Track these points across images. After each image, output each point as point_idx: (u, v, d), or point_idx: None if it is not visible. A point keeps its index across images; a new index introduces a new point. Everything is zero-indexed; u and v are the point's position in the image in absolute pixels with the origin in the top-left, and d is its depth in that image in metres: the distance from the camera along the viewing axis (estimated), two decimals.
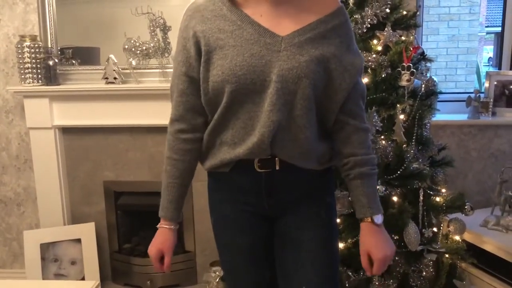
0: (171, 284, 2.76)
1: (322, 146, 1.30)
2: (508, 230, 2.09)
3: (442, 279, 1.97)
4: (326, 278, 1.33)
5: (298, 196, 1.31)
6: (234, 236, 1.35)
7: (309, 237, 1.31)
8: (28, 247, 2.62)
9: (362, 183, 1.28)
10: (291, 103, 1.22)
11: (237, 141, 1.25)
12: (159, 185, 2.80)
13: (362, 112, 1.32)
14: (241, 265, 1.37)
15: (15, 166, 2.84)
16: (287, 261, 1.33)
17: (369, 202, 1.28)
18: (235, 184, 1.31)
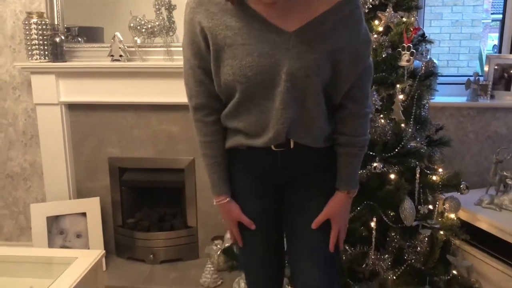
0: (173, 258, 2.84)
1: (331, 127, 1.35)
2: (502, 208, 2.14)
3: (436, 254, 2.03)
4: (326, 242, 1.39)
5: (309, 168, 1.37)
6: (245, 203, 1.40)
7: (316, 202, 1.38)
8: (35, 220, 2.69)
9: (347, 160, 1.37)
10: (302, 99, 1.24)
11: (251, 134, 1.30)
12: (163, 162, 2.88)
13: (364, 97, 1.34)
14: (252, 230, 1.41)
15: (21, 141, 2.90)
16: (294, 225, 1.41)
17: (349, 178, 1.38)
18: (251, 160, 1.37)
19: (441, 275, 2.04)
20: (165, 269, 2.76)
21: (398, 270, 1.99)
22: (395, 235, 2.05)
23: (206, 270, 2.58)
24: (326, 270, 1.41)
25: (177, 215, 2.97)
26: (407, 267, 2.01)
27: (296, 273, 1.45)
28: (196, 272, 2.68)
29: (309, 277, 1.41)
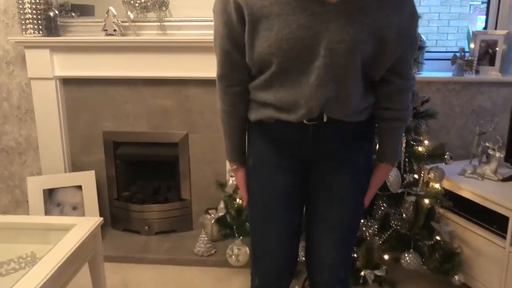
0: (167, 230, 2.91)
1: (367, 102, 1.30)
2: (484, 178, 2.23)
3: (420, 221, 2.13)
4: (350, 224, 1.42)
5: (340, 144, 1.33)
6: (270, 176, 1.37)
7: (343, 182, 1.36)
8: (32, 192, 2.74)
9: (392, 134, 1.37)
10: (339, 76, 1.18)
11: (283, 108, 1.25)
12: (157, 136, 2.94)
13: (410, 70, 1.30)
14: (273, 206, 1.38)
15: (16, 116, 2.93)
16: (318, 202, 1.39)
17: (393, 151, 1.39)
18: (280, 133, 1.32)
19: (425, 240, 2.14)
20: (160, 240, 2.84)
21: (384, 235, 2.09)
22: (382, 202, 2.14)
23: (200, 240, 2.66)
24: (342, 250, 1.42)
25: (172, 188, 3.04)
26: (393, 232, 2.10)
27: (313, 250, 1.44)
28: (190, 242, 2.76)
29: (326, 256, 1.41)
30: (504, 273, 2.01)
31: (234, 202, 2.37)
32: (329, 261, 1.42)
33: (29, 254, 1.76)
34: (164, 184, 3.08)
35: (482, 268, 2.13)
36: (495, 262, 2.05)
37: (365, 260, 2.00)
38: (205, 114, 2.74)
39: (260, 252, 1.44)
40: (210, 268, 2.59)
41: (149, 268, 2.60)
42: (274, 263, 1.43)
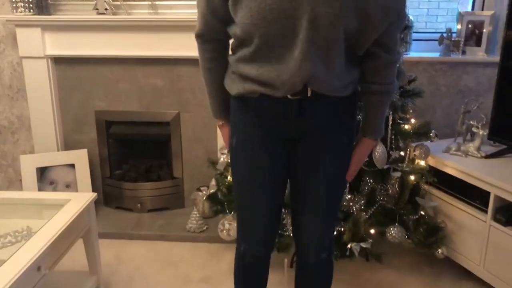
0: (160, 207, 2.97)
1: (351, 76, 1.31)
2: (467, 155, 2.30)
3: (406, 196, 2.20)
4: (334, 198, 1.46)
5: (324, 121, 1.33)
6: (254, 156, 1.38)
7: (327, 159, 1.38)
8: (25, 170, 2.77)
9: (377, 108, 1.38)
10: (323, 50, 1.19)
11: (266, 82, 1.25)
12: (149, 116, 2.97)
13: (395, 44, 1.30)
14: (257, 183, 1.41)
15: (8, 95, 2.94)
16: (303, 179, 1.42)
17: (377, 125, 1.41)
18: (264, 109, 1.32)
19: (410, 215, 2.21)
20: (153, 217, 2.89)
21: (370, 210, 2.15)
22: (369, 178, 2.21)
23: (192, 216, 2.72)
24: (326, 222, 1.47)
25: (164, 166, 3.09)
26: (379, 207, 2.17)
27: (299, 224, 1.49)
28: (182, 219, 2.82)
29: (311, 228, 1.47)
30: (484, 246, 2.10)
31: (225, 179, 2.42)
32: (314, 233, 1.48)
33: (24, 228, 1.80)
34: (156, 162, 3.12)
35: (464, 241, 2.21)
36: (476, 235, 2.14)
37: (351, 234, 2.06)
38: (196, 94, 2.77)
39: (245, 222, 1.50)
40: (201, 243, 2.66)
41: (142, 244, 2.66)
42: (258, 232, 1.50)
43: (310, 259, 1.53)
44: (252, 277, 1.62)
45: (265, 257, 1.58)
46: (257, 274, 1.62)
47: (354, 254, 2.06)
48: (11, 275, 1.43)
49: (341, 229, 2.12)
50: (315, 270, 1.56)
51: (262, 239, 1.51)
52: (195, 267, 2.42)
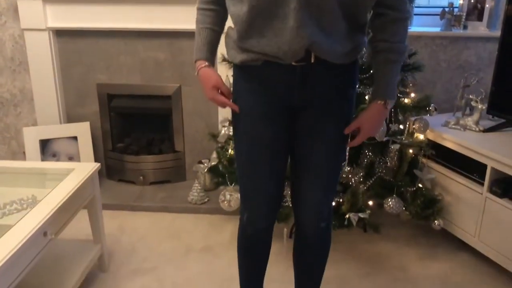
0: (162, 180, 3.01)
1: (353, 42, 1.30)
2: (466, 129, 2.33)
3: (404, 169, 2.24)
4: (334, 167, 1.47)
5: (326, 89, 1.34)
6: (257, 125, 1.39)
7: (328, 128, 1.39)
8: (28, 142, 2.80)
9: (386, 68, 1.33)
10: (317, 17, 1.19)
11: (267, 52, 1.26)
12: (150, 89, 2.99)
13: (403, 3, 1.29)
14: (259, 154, 1.42)
15: (10, 67, 2.95)
16: (304, 148, 1.43)
17: (387, 87, 1.34)
18: (267, 76, 1.32)
19: (407, 187, 2.25)
20: (155, 189, 2.94)
21: (369, 182, 2.19)
22: (368, 151, 2.24)
23: (193, 189, 2.76)
24: (326, 192, 1.49)
25: (165, 140, 3.12)
26: (377, 179, 2.21)
27: (299, 192, 1.51)
28: (184, 192, 2.86)
29: (311, 198, 1.48)
30: (480, 217, 2.14)
31: (226, 152, 2.45)
32: (313, 202, 1.50)
33: (30, 197, 1.83)
34: (158, 136, 3.15)
35: (460, 213, 2.25)
36: (472, 207, 2.18)
37: (350, 205, 2.10)
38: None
39: (247, 193, 1.52)
40: (203, 215, 2.71)
41: (144, 215, 2.71)
42: (260, 202, 1.51)
43: (309, 229, 1.56)
44: (254, 248, 1.64)
45: (267, 229, 1.60)
46: (260, 246, 1.64)
47: (352, 224, 2.10)
48: (19, 239, 1.47)
49: (340, 200, 2.16)
50: (313, 240, 1.59)
51: (265, 209, 1.53)
52: (197, 238, 2.47)
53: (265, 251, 1.67)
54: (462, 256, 2.31)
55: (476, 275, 2.17)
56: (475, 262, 2.26)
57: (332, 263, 2.23)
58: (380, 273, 2.17)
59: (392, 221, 2.58)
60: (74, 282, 1.87)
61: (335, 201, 2.18)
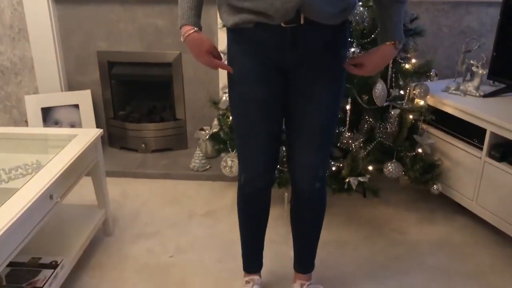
0: (163, 148, 3.03)
1: (344, 2, 1.32)
2: (466, 94, 2.33)
3: (404, 134, 2.25)
4: (327, 128, 1.49)
5: (318, 50, 1.36)
6: (252, 87, 1.41)
7: (321, 89, 1.41)
8: (30, 110, 2.82)
9: (392, 10, 1.37)
10: None
11: (260, 12, 1.27)
12: (150, 56, 2.98)
13: None
14: (255, 115, 1.44)
15: (9, 35, 2.93)
16: (297, 108, 1.45)
17: (396, 28, 1.38)
18: (259, 38, 1.35)
19: (407, 152, 2.27)
20: (157, 157, 2.97)
21: (369, 147, 2.21)
22: (368, 117, 2.25)
23: (195, 156, 2.79)
24: (320, 153, 1.51)
25: (166, 108, 3.13)
26: (377, 144, 2.23)
27: (294, 154, 1.53)
28: (185, 159, 2.89)
29: (305, 158, 1.51)
30: (478, 181, 2.17)
31: (227, 119, 2.46)
32: (308, 163, 1.52)
33: (34, 162, 1.86)
34: (159, 104, 3.16)
35: (458, 178, 2.29)
36: (471, 172, 2.21)
37: (349, 169, 2.13)
38: None
39: (244, 154, 1.55)
40: (205, 182, 2.74)
41: (146, 182, 2.74)
42: (256, 163, 1.54)
43: (304, 189, 1.58)
44: (253, 209, 1.67)
45: (265, 189, 1.62)
46: (258, 206, 1.67)
47: (352, 188, 2.13)
48: (25, 201, 1.50)
49: (340, 165, 2.18)
50: (308, 200, 1.61)
51: (261, 169, 1.55)
52: (199, 203, 2.51)
53: (264, 211, 1.69)
54: (460, 219, 2.36)
55: (473, 237, 2.22)
56: (473, 225, 2.30)
57: (331, 227, 2.27)
58: (379, 236, 2.22)
59: (391, 186, 2.62)
60: (80, 245, 1.92)
61: (335, 166, 2.20)
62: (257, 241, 1.77)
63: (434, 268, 2.01)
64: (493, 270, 2.00)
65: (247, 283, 1.77)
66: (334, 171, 2.20)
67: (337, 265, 2.02)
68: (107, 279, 1.93)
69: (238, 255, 1.82)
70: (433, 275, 1.96)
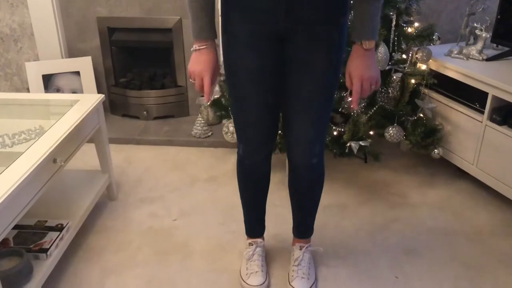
0: (165, 115, 3.04)
1: None
2: (469, 58, 2.31)
3: (406, 98, 2.25)
4: (324, 102, 1.43)
5: (314, 16, 1.30)
6: (245, 56, 1.37)
7: (318, 58, 1.35)
8: (31, 77, 2.81)
9: (364, 8, 1.28)
10: None
11: None
12: (150, 22, 2.94)
13: None
14: (249, 85, 1.40)
15: (7, 1, 2.90)
16: (293, 81, 1.40)
17: (364, 26, 1.30)
18: (253, 4, 1.30)
19: (408, 116, 2.27)
20: (159, 124, 2.98)
21: (371, 111, 2.21)
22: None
23: (197, 123, 2.79)
24: (317, 126, 1.47)
25: (167, 75, 3.11)
26: (379, 108, 2.23)
27: (290, 128, 1.49)
28: (187, 126, 2.90)
29: (302, 134, 1.47)
30: (478, 145, 2.18)
31: None
32: (305, 139, 1.49)
33: (37, 127, 1.87)
34: (160, 71, 3.14)
35: (459, 142, 2.29)
36: (472, 136, 2.21)
37: (351, 133, 2.14)
38: None
39: (241, 124, 1.52)
40: (206, 148, 2.76)
41: (149, 148, 2.76)
42: (254, 135, 1.51)
43: (301, 164, 1.56)
44: (253, 178, 1.66)
45: (264, 160, 1.61)
46: (258, 176, 1.66)
47: (353, 152, 2.14)
48: (29, 165, 1.52)
49: (341, 130, 2.19)
50: (305, 175, 1.59)
51: (259, 142, 1.53)
52: (201, 169, 2.53)
53: (264, 180, 1.69)
54: (460, 183, 2.38)
55: (473, 200, 2.25)
56: (472, 189, 2.33)
57: (332, 191, 2.30)
58: (379, 200, 2.25)
59: (392, 151, 2.63)
60: (85, 209, 1.95)
61: (336, 131, 2.21)
62: (259, 208, 1.77)
63: (434, 230, 2.04)
64: (492, 232, 2.03)
65: (250, 245, 1.80)
66: (335, 136, 2.21)
67: (337, 227, 2.05)
68: (113, 241, 1.97)
69: (241, 218, 1.86)
70: (433, 236, 2.00)
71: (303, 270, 1.72)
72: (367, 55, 1.33)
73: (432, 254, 1.89)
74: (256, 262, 1.75)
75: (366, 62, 1.34)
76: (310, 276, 1.72)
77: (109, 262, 1.86)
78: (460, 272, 1.79)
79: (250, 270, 1.73)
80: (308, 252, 1.77)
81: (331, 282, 1.75)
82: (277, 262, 1.84)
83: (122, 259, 1.87)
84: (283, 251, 1.89)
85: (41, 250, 1.66)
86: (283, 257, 1.86)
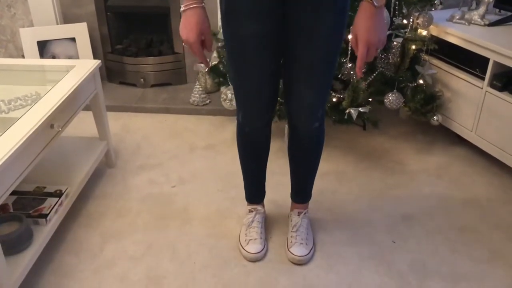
0: (162, 82, 3.01)
1: None
2: (471, 23, 2.28)
3: (406, 64, 2.22)
4: (329, 65, 1.41)
5: None
6: (247, 22, 1.33)
7: (320, 23, 1.31)
8: (26, 44, 2.77)
9: None
10: None
11: None
12: None
13: None
14: (251, 51, 1.37)
15: None
16: (295, 45, 1.37)
17: None
18: None
19: (408, 82, 2.25)
20: (156, 91, 2.95)
21: (370, 77, 2.19)
22: None
23: (194, 90, 2.77)
24: (320, 91, 1.45)
25: (164, 42, 3.07)
26: (379, 74, 2.20)
27: (292, 94, 1.47)
28: (185, 94, 2.88)
29: (304, 99, 1.45)
30: (478, 112, 2.17)
31: None
32: (306, 103, 1.47)
33: (33, 93, 1.85)
34: (156, 37, 3.10)
35: (459, 109, 2.28)
36: (471, 102, 2.20)
37: (350, 100, 2.12)
38: None
39: (240, 91, 1.49)
40: (205, 116, 2.74)
41: (147, 116, 2.75)
42: (254, 102, 1.49)
43: (302, 129, 1.55)
44: (252, 145, 1.66)
45: (264, 127, 1.59)
46: (258, 143, 1.65)
47: (352, 119, 2.13)
48: (26, 130, 1.51)
49: (340, 96, 2.17)
50: (306, 139, 1.59)
51: (259, 109, 1.52)
52: (199, 136, 2.52)
53: (264, 146, 1.68)
54: (459, 150, 2.38)
55: (471, 167, 2.25)
56: (471, 156, 2.33)
57: (331, 159, 2.30)
58: (378, 166, 2.25)
59: (391, 119, 2.63)
60: (83, 175, 1.95)
61: (336, 97, 2.19)
62: (259, 175, 1.77)
63: (432, 196, 2.05)
64: (489, 198, 2.04)
65: (250, 211, 1.81)
66: (334, 102, 2.19)
67: (335, 194, 2.06)
68: (112, 207, 1.98)
69: (240, 185, 1.86)
70: (430, 202, 2.01)
71: (301, 236, 1.73)
72: (377, 13, 1.22)
73: (430, 220, 1.90)
74: (255, 229, 1.76)
75: (374, 23, 1.23)
76: (308, 242, 1.73)
77: (109, 227, 1.87)
78: (456, 237, 1.81)
79: (249, 237, 1.75)
80: (306, 218, 1.78)
81: (329, 247, 1.76)
82: (275, 228, 1.85)
83: (122, 224, 1.88)
84: (281, 216, 1.90)
85: (41, 215, 1.67)
86: (281, 222, 1.87)
